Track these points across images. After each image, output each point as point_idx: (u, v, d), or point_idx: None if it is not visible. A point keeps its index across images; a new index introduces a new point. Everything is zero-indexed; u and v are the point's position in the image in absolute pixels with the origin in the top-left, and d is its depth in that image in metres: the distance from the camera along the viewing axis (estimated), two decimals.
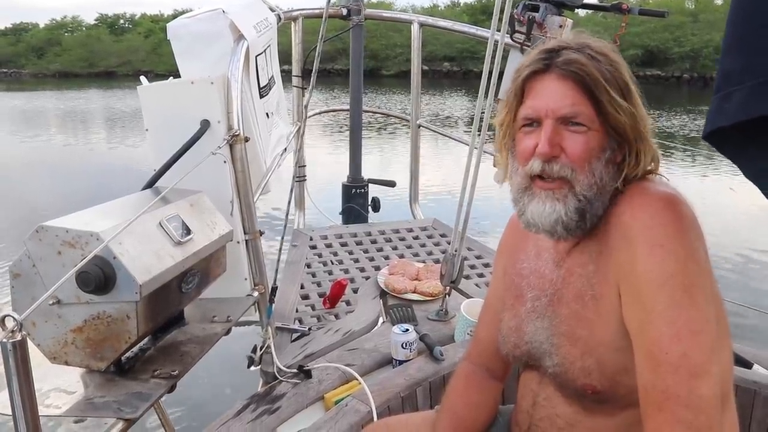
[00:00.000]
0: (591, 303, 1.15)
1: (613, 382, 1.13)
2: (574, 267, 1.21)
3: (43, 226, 1.25)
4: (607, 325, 1.12)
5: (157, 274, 1.32)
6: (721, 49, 0.93)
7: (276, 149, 2.62)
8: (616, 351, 1.11)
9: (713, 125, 0.91)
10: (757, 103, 0.83)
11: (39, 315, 1.28)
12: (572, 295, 1.19)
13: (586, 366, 1.15)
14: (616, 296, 1.11)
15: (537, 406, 1.31)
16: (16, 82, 46.83)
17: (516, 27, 3.16)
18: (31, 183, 11.68)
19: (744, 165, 0.93)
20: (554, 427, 1.26)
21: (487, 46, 2.20)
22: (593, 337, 1.14)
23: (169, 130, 1.79)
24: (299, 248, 3.22)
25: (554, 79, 1.15)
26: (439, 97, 27.52)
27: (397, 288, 2.58)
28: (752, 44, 0.85)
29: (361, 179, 4.17)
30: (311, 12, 3.53)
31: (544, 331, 1.25)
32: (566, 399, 1.24)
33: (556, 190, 1.15)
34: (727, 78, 0.88)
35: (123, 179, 1.99)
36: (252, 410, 1.79)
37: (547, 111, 1.14)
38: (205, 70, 1.91)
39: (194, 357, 1.52)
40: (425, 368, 1.95)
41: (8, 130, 19.22)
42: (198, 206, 1.63)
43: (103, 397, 1.31)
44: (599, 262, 1.15)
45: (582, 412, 1.22)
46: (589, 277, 1.16)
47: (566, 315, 1.20)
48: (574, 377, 1.17)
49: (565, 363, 1.19)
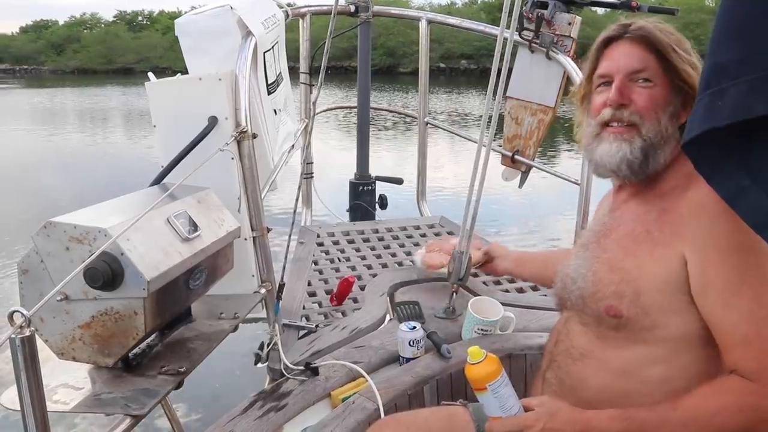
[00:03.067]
0: (645, 244, 1.24)
1: (640, 312, 1.21)
2: (629, 211, 1.32)
3: (51, 222, 1.25)
4: (658, 268, 1.20)
5: (164, 270, 1.32)
6: (711, 39, 0.84)
7: (284, 146, 2.61)
8: (656, 291, 1.20)
9: (702, 127, 0.83)
10: (760, 100, 0.75)
11: (47, 311, 1.28)
12: (624, 232, 1.30)
13: (620, 290, 1.24)
14: (679, 254, 1.17)
15: (558, 343, 1.43)
16: (36, 79, 47.13)
17: (525, 24, 3.16)
18: (52, 178, 11.78)
19: (720, 183, 0.87)
20: (569, 358, 1.37)
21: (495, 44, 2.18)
22: (639, 271, 1.22)
23: (177, 127, 1.79)
24: (306, 245, 3.21)
25: (626, 43, 1.32)
26: (457, 95, 27.51)
27: (433, 264, 2.54)
28: (753, 34, 0.76)
29: (369, 176, 4.17)
30: (319, 9, 3.53)
31: (585, 260, 1.35)
32: (583, 327, 1.34)
33: (624, 133, 1.29)
34: (721, 72, 0.80)
35: (142, 175, 2.02)
36: (259, 407, 1.78)
37: (618, 68, 1.30)
38: (213, 67, 1.90)
39: (201, 354, 1.52)
40: (432, 366, 1.94)
41: (33, 126, 19.35)
42: (205, 203, 1.63)
43: (111, 393, 1.32)
44: (664, 217, 1.23)
45: (595, 341, 1.31)
46: (648, 223, 1.25)
47: (613, 247, 1.30)
48: (604, 297, 1.26)
49: (598, 285, 1.28)
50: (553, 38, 3.06)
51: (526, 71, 3.29)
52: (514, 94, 3.38)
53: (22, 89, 36.77)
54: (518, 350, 2.03)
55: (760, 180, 0.81)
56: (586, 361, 1.32)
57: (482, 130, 2.24)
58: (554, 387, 1.40)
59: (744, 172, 0.82)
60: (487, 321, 2.10)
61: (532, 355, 2.02)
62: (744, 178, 0.82)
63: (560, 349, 1.41)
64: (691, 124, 0.85)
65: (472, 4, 56.46)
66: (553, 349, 1.44)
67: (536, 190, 7.99)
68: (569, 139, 14.54)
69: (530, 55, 3.23)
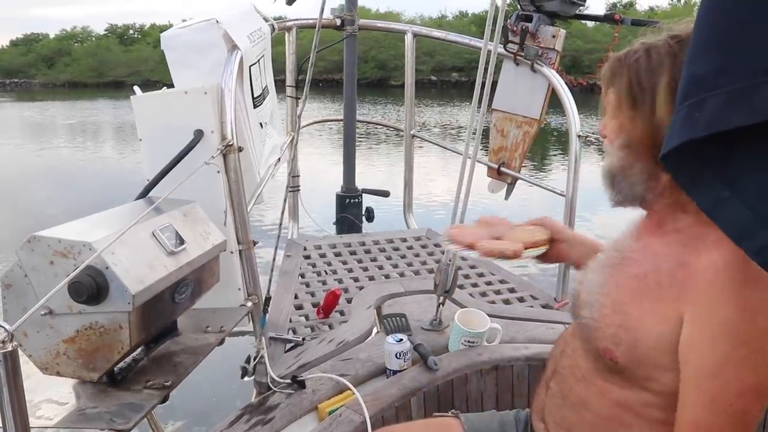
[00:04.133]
0: (651, 296, 1.17)
1: (635, 363, 1.17)
2: (651, 249, 1.24)
3: (35, 236, 1.24)
4: (656, 326, 1.15)
5: (150, 284, 1.31)
6: (689, 50, 0.83)
7: (270, 159, 2.62)
8: (651, 347, 1.15)
9: (681, 139, 0.81)
10: (738, 111, 0.74)
11: (31, 325, 1.28)
12: (638, 271, 1.22)
13: (619, 336, 1.19)
14: (679, 314, 1.12)
15: (564, 354, 1.39)
16: (27, 92, 46.96)
17: (510, 37, 3.19)
18: (42, 191, 11.72)
19: (699, 194, 0.85)
20: (573, 376, 1.33)
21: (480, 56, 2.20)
22: (639, 322, 1.17)
23: (163, 140, 1.78)
24: (293, 258, 3.21)
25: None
26: (450, 107, 27.57)
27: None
28: (731, 44, 0.75)
29: (355, 189, 4.18)
30: (305, 22, 3.54)
31: (598, 288, 1.29)
32: (586, 354, 1.30)
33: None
34: (699, 83, 0.79)
35: (136, 189, 2.01)
36: (246, 421, 1.78)
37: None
38: (199, 80, 1.91)
39: (187, 367, 1.51)
40: (419, 378, 1.94)
41: (22, 140, 19.25)
42: (191, 216, 1.63)
43: (96, 408, 1.30)
44: (678, 273, 1.15)
45: (595, 371, 1.27)
46: (662, 274, 1.18)
47: (623, 285, 1.24)
48: (602, 337, 1.22)
49: (600, 323, 1.23)
50: (537, 51, 3.09)
51: (511, 84, 3.32)
52: (499, 106, 3.41)
53: (13, 102, 36.61)
54: (505, 362, 2.03)
55: (739, 191, 0.80)
56: (589, 385, 1.29)
57: (467, 142, 2.25)
58: (558, 400, 1.38)
59: (723, 183, 0.81)
60: (474, 332, 2.11)
61: (519, 366, 2.03)
62: (723, 189, 0.81)
63: (565, 363, 1.38)
64: (670, 135, 0.84)
65: (462, 17, 56.90)
66: (559, 359, 1.42)
67: (524, 202, 8.04)
68: (561, 150, 14.62)
69: (515, 67, 3.26)
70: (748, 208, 0.79)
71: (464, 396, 1.99)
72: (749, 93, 0.73)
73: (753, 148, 0.78)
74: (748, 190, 0.79)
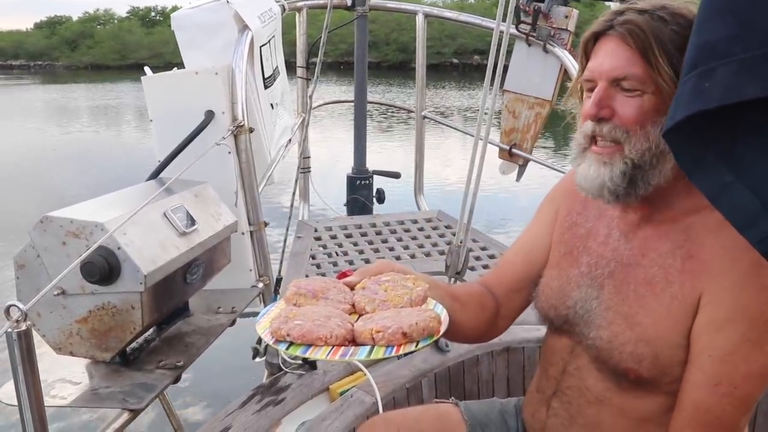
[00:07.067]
0: (664, 297, 1.12)
1: (662, 373, 1.12)
2: (650, 248, 1.16)
3: (47, 217, 1.25)
4: (676, 325, 1.10)
5: (161, 264, 1.31)
6: (697, 16, 0.76)
7: (280, 140, 2.61)
8: (674, 347, 1.11)
9: (688, 111, 0.74)
10: (752, 82, 0.66)
11: (44, 305, 1.28)
12: (643, 278, 1.15)
13: (638, 352, 1.13)
14: (695, 301, 1.08)
15: (566, 374, 1.29)
16: (51, 75, 47.00)
17: (522, 18, 3.16)
18: (64, 173, 11.80)
19: (701, 178, 0.79)
20: (582, 398, 1.25)
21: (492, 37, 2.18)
22: (655, 328, 1.12)
23: (174, 121, 1.78)
24: (304, 239, 3.21)
25: (612, 41, 1.10)
26: (470, 90, 27.34)
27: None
28: (746, 9, 0.68)
29: (366, 170, 4.17)
30: (316, 2, 3.52)
31: (596, 301, 1.21)
32: (600, 374, 1.22)
33: (606, 154, 1.11)
34: (709, 50, 0.71)
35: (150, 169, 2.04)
36: (257, 401, 1.79)
37: (600, 73, 1.10)
38: (210, 61, 1.90)
39: (199, 348, 1.52)
40: (430, 359, 1.95)
41: (50, 123, 19.34)
42: (202, 197, 1.63)
43: (108, 388, 1.31)
44: (687, 265, 1.10)
45: (614, 389, 1.20)
46: (671, 273, 1.12)
47: (631, 297, 1.16)
48: (621, 359, 1.15)
49: (614, 342, 1.16)
50: (550, 31, 3.06)
51: (523, 65, 3.28)
52: (511, 87, 3.38)
53: (37, 85, 36.74)
54: (516, 343, 2.03)
55: (745, 176, 0.73)
56: (604, 407, 1.22)
57: (479, 123, 2.24)
58: (563, 420, 1.30)
59: (727, 166, 0.75)
60: None
61: (530, 348, 2.02)
62: (727, 173, 0.75)
63: (570, 384, 1.28)
64: (675, 108, 0.76)
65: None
66: (560, 378, 1.31)
67: (538, 184, 7.99)
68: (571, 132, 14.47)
69: (527, 48, 3.23)
70: (754, 194, 0.73)
71: (475, 377, 2.00)
72: (767, 62, 0.67)
73: (759, 128, 0.72)
74: (754, 174, 0.74)
